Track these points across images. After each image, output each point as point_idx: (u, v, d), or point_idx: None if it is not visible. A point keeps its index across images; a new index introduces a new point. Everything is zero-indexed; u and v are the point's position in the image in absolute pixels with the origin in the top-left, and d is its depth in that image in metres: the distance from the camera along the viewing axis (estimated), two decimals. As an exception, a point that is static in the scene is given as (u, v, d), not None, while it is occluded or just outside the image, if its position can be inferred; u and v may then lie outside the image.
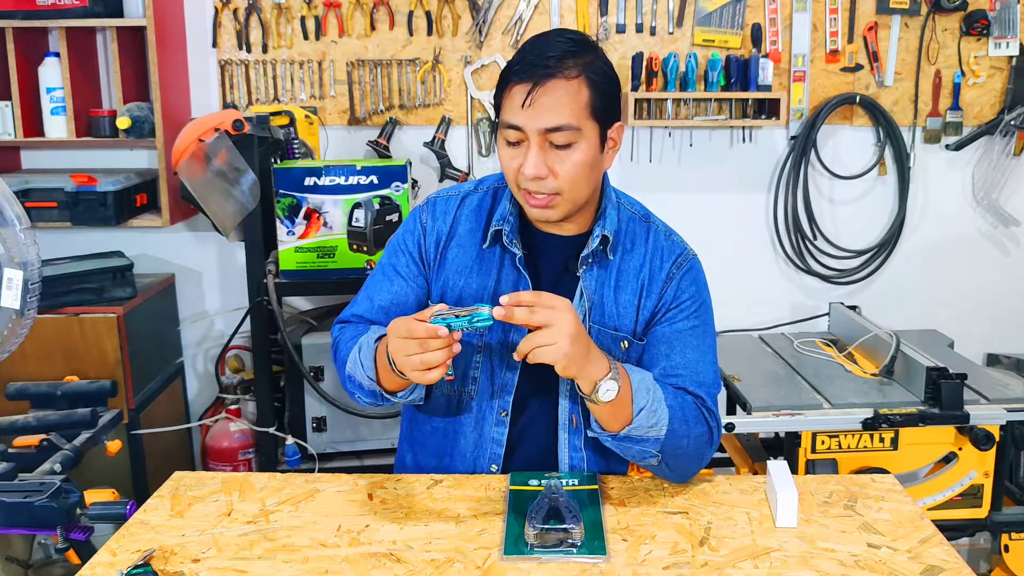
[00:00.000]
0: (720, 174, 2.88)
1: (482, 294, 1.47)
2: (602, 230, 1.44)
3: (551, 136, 1.33)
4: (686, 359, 1.44)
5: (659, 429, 1.33)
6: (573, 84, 1.32)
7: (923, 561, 1.22)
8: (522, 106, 1.32)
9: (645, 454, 1.36)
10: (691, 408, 1.39)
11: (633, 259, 1.48)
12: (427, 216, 1.54)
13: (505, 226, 1.46)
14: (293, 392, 2.48)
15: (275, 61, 2.74)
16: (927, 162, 2.90)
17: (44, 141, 2.61)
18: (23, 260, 1.58)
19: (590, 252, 1.44)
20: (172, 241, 2.86)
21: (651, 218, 1.53)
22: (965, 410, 2.11)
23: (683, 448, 1.38)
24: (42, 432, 1.76)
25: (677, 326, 1.45)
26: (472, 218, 1.52)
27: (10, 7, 2.45)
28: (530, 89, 1.31)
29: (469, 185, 1.56)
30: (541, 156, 1.33)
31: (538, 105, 1.31)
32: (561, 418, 1.48)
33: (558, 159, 1.34)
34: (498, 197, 1.51)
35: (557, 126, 1.32)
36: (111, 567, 1.20)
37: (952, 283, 2.98)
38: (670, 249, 1.49)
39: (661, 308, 1.46)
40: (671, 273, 1.47)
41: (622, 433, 1.33)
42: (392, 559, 1.22)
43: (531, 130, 1.32)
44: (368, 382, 1.39)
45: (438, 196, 1.56)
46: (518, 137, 1.34)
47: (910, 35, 2.80)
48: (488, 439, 1.49)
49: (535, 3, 2.72)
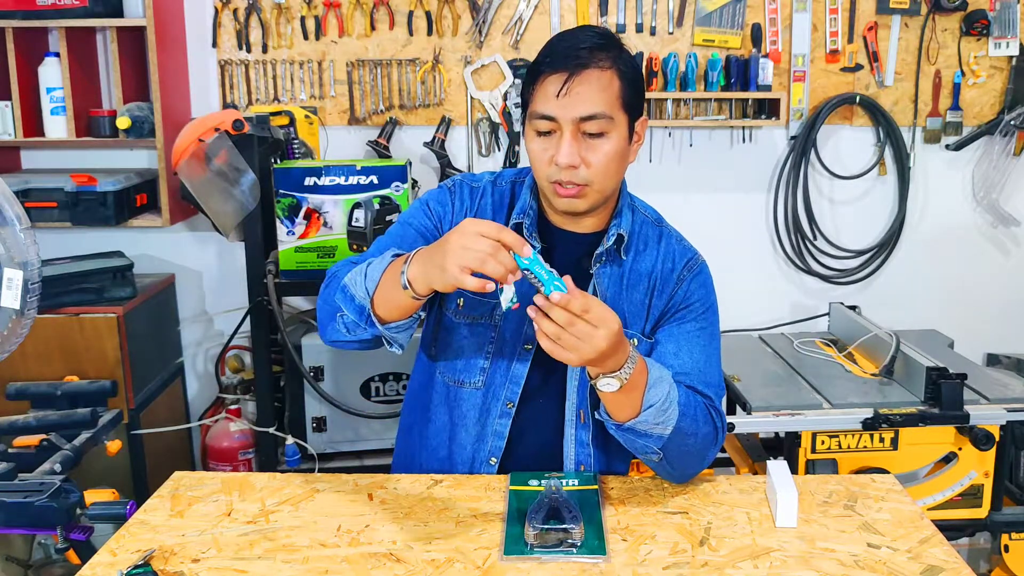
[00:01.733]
0: (720, 174, 2.88)
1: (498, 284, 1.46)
2: (618, 229, 1.46)
3: (585, 125, 1.34)
4: (694, 359, 1.45)
5: (665, 427, 1.33)
6: (606, 75, 1.35)
7: (923, 561, 1.22)
8: (556, 96, 1.33)
9: (647, 449, 1.36)
10: (701, 408, 1.40)
11: (645, 260, 1.50)
12: (455, 197, 1.53)
13: (526, 219, 1.47)
14: (293, 392, 2.48)
15: (275, 61, 2.74)
16: (927, 162, 2.90)
17: (44, 141, 2.61)
18: (23, 260, 1.58)
19: (604, 250, 1.46)
20: (172, 241, 2.86)
21: (663, 223, 1.56)
22: (965, 410, 2.11)
23: (687, 447, 1.38)
24: (42, 432, 1.76)
25: (686, 327, 1.47)
26: (493, 209, 1.53)
27: (10, 7, 2.45)
28: (566, 79, 1.33)
29: (490, 175, 1.57)
30: (575, 145, 1.35)
31: (573, 95, 1.33)
32: (568, 413, 1.48)
33: (590, 149, 1.36)
34: (516, 192, 1.53)
35: (592, 114, 1.34)
36: (111, 567, 1.20)
37: (952, 283, 2.98)
38: (681, 253, 1.51)
39: (671, 308, 1.48)
40: (682, 275, 1.49)
41: (627, 424, 1.33)
42: (392, 559, 1.22)
43: (565, 119, 1.34)
44: (362, 294, 1.31)
45: (463, 181, 1.55)
46: (550, 127, 1.36)
47: (910, 35, 2.80)
48: (490, 431, 1.48)
49: (535, 3, 2.72)
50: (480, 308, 1.48)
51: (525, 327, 1.47)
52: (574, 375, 1.48)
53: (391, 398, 2.47)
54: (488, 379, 1.48)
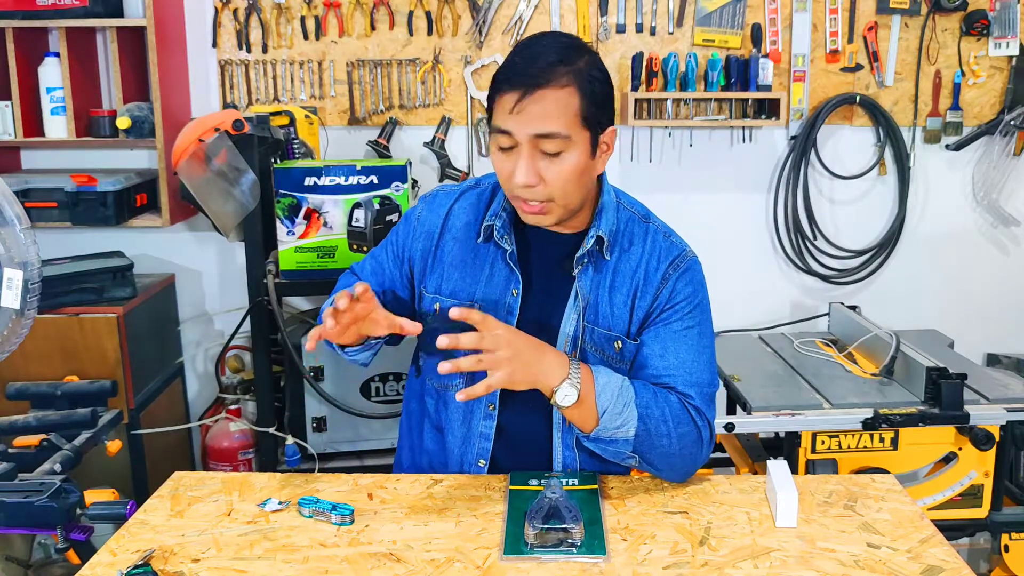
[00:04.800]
0: (720, 174, 2.88)
1: (474, 288, 1.49)
2: (597, 231, 1.44)
3: (541, 143, 1.33)
4: (680, 359, 1.43)
5: (626, 431, 1.35)
6: (563, 93, 1.32)
7: (923, 561, 1.22)
8: (511, 112, 1.32)
9: (620, 455, 1.39)
10: (674, 407, 1.39)
11: (630, 259, 1.47)
12: (423, 207, 1.57)
13: (497, 221, 1.47)
14: (293, 392, 2.48)
15: (275, 61, 2.74)
16: (927, 162, 2.90)
17: (44, 141, 2.61)
18: (23, 260, 1.58)
19: (585, 252, 1.44)
20: (172, 241, 2.86)
21: (651, 218, 1.52)
22: (965, 410, 2.11)
23: (664, 448, 1.38)
24: (42, 432, 1.76)
25: (672, 327, 1.45)
26: (470, 212, 1.52)
27: (10, 7, 2.45)
28: (519, 98, 1.31)
29: (471, 181, 1.59)
30: (531, 163, 1.34)
31: (527, 113, 1.31)
32: (555, 417, 1.48)
33: (548, 166, 1.34)
34: (496, 193, 1.52)
35: (547, 133, 1.32)
36: (111, 567, 1.20)
37: (952, 283, 2.98)
38: (668, 250, 1.48)
39: (656, 309, 1.46)
40: (667, 274, 1.46)
41: (592, 434, 1.36)
42: (392, 559, 1.22)
43: (521, 136, 1.33)
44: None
45: (440, 190, 1.59)
46: (510, 142, 1.35)
47: (910, 35, 2.80)
48: (476, 433, 1.49)
49: (535, 3, 2.72)
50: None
51: None
52: None
53: (391, 398, 2.47)
54: (467, 381, 1.47)
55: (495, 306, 1.47)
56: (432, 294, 1.52)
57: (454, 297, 1.50)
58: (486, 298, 1.48)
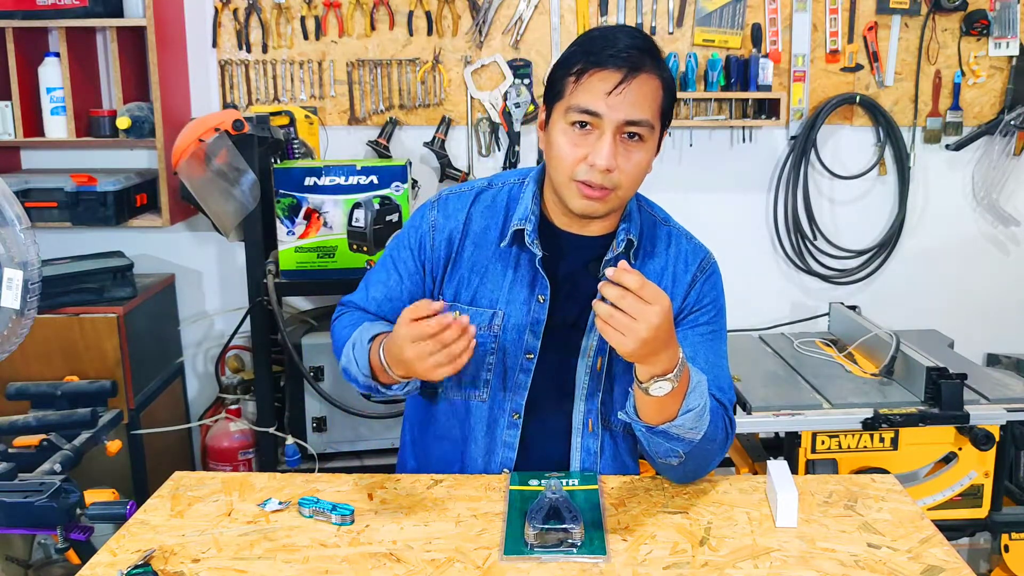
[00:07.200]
0: (720, 174, 2.88)
1: (497, 293, 1.45)
2: (627, 234, 1.43)
3: (628, 129, 1.31)
4: (709, 364, 1.43)
5: (697, 432, 1.30)
6: (655, 82, 1.32)
7: (923, 561, 1.22)
8: (608, 93, 1.29)
9: (671, 452, 1.33)
10: (719, 414, 1.38)
11: (655, 263, 1.46)
12: (437, 214, 1.50)
13: (527, 225, 1.42)
14: (293, 392, 2.48)
15: (275, 61, 2.74)
16: (927, 162, 2.90)
17: (44, 141, 2.60)
18: (23, 260, 1.58)
19: (614, 256, 1.42)
20: (172, 241, 2.86)
21: (671, 222, 1.52)
22: (965, 410, 2.11)
23: (708, 453, 1.37)
24: (42, 432, 1.76)
25: (699, 329, 1.45)
26: (487, 215, 1.48)
27: (10, 7, 2.45)
28: (622, 78, 1.28)
29: (482, 181, 1.53)
30: (615, 148, 1.31)
31: (626, 95, 1.29)
32: (575, 421, 1.46)
33: (626, 154, 1.32)
34: (514, 195, 1.48)
35: (638, 120, 1.30)
36: (111, 567, 1.20)
37: (952, 283, 2.98)
38: (694, 253, 1.48)
39: (684, 310, 1.45)
40: (696, 276, 1.46)
41: (660, 427, 1.29)
42: (392, 559, 1.22)
43: (611, 119, 1.30)
44: (364, 378, 1.40)
45: (450, 193, 1.52)
46: (593, 123, 1.31)
47: (910, 35, 2.80)
48: (500, 443, 1.47)
49: (535, 3, 2.72)
50: (477, 318, 1.45)
51: (525, 336, 1.44)
52: (582, 383, 1.45)
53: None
54: (492, 391, 1.46)
55: (521, 311, 1.44)
56: (450, 302, 1.47)
57: (474, 304, 1.45)
58: (511, 303, 1.44)
